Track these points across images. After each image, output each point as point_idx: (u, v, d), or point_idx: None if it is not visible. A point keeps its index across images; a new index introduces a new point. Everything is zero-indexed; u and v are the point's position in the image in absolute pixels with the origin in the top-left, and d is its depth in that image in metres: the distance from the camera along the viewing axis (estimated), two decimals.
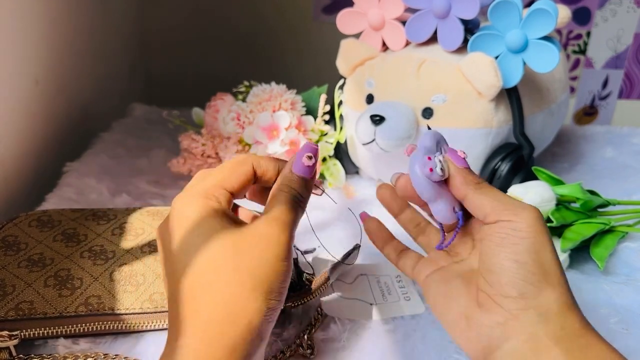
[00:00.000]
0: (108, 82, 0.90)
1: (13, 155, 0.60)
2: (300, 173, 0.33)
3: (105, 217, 0.48)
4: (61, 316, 0.39)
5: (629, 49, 1.16)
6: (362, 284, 0.48)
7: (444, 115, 0.56)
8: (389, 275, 0.49)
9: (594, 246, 0.51)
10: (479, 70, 0.54)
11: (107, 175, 0.65)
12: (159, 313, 0.41)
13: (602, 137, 0.82)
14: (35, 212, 0.48)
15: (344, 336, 0.42)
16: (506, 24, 0.54)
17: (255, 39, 1.12)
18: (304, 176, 0.34)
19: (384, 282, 0.48)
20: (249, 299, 0.29)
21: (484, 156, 0.58)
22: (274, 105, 0.64)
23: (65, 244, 0.44)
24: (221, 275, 0.29)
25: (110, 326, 0.40)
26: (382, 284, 0.48)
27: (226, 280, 0.29)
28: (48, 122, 0.69)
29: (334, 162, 0.67)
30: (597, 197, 0.53)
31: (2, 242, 0.44)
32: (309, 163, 0.34)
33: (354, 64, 0.63)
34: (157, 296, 0.42)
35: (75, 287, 0.41)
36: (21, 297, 0.40)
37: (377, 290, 0.47)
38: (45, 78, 0.67)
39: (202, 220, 0.31)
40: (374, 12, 0.61)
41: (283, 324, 0.43)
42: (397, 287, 0.47)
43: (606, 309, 0.45)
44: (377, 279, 0.48)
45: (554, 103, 0.64)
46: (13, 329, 0.38)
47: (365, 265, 0.50)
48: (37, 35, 0.64)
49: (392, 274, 0.49)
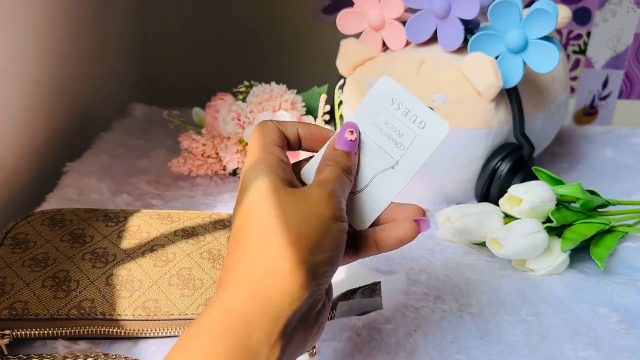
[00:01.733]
0: (108, 82, 0.90)
1: (13, 156, 0.60)
2: (344, 147, 0.34)
3: (116, 218, 0.47)
4: (52, 318, 0.39)
5: (629, 49, 1.16)
6: (368, 146, 0.36)
7: (444, 116, 0.56)
8: (382, 109, 0.36)
9: (594, 246, 0.51)
10: (479, 71, 0.54)
11: (107, 175, 0.65)
12: (152, 321, 0.40)
13: (602, 137, 0.82)
14: (49, 210, 0.47)
15: (344, 336, 0.42)
16: (506, 24, 0.54)
17: (255, 38, 1.12)
18: (348, 150, 0.34)
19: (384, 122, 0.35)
20: (292, 253, 0.29)
21: (484, 156, 0.58)
22: (274, 105, 0.64)
23: (70, 244, 0.44)
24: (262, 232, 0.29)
25: (101, 331, 0.40)
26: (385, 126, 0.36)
27: (266, 235, 0.29)
28: (48, 122, 0.69)
29: None
30: (597, 197, 0.53)
31: (12, 239, 0.44)
32: (352, 137, 0.34)
33: (354, 64, 0.63)
34: (151, 304, 0.41)
35: (70, 290, 0.41)
36: (17, 296, 0.40)
37: (386, 141, 0.35)
38: (46, 78, 0.67)
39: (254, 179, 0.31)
40: (374, 12, 0.61)
41: None
42: (401, 116, 0.35)
43: (606, 309, 0.45)
44: (375, 125, 0.36)
45: (554, 103, 0.64)
46: (4, 328, 0.38)
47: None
48: (37, 36, 0.64)
49: (384, 105, 0.36)
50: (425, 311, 0.45)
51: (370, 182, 0.35)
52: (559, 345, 0.42)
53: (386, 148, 0.35)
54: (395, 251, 0.53)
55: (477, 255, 0.53)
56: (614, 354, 0.41)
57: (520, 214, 0.50)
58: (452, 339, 0.42)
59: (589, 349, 0.41)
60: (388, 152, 0.35)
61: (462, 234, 0.53)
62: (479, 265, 0.52)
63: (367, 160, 0.35)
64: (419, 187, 0.62)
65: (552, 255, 0.50)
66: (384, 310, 0.44)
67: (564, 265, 0.50)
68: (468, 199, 0.62)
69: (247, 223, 0.30)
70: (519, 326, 0.44)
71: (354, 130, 0.35)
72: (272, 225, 0.29)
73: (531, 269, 0.50)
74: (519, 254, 0.49)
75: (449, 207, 0.55)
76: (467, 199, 0.62)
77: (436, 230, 0.57)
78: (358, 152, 0.35)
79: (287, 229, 0.29)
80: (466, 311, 0.45)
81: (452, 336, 0.42)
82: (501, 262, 0.52)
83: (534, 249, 0.49)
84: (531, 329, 0.43)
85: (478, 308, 0.46)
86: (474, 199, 0.61)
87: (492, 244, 0.50)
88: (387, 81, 0.36)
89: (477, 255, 0.53)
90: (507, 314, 0.45)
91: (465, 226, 0.52)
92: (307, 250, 0.29)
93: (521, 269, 0.51)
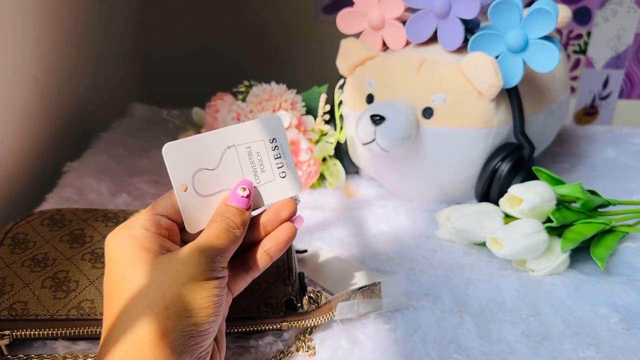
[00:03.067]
0: (108, 82, 0.90)
1: (12, 155, 0.60)
2: (236, 204, 0.35)
3: (115, 218, 0.47)
4: (52, 319, 0.39)
5: (629, 48, 1.16)
6: (231, 162, 0.36)
7: (444, 115, 0.56)
8: (261, 140, 0.37)
9: (594, 246, 0.51)
10: (479, 70, 0.54)
11: (107, 175, 0.65)
12: None
13: (603, 137, 0.82)
14: (49, 210, 0.48)
15: (344, 336, 0.41)
16: (506, 24, 0.54)
17: (255, 38, 1.12)
18: (238, 206, 0.35)
19: (257, 152, 0.37)
20: (156, 324, 0.29)
21: (484, 156, 0.58)
22: (274, 105, 0.64)
23: (70, 244, 0.44)
24: (128, 305, 0.30)
25: (101, 331, 0.40)
26: (255, 155, 0.37)
27: (131, 308, 0.30)
28: (48, 122, 0.69)
29: (334, 162, 0.67)
30: (597, 197, 0.53)
31: (12, 239, 0.44)
32: (243, 194, 0.35)
33: (354, 63, 0.63)
34: None
35: (70, 290, 0.40)
36: (17, 297, 0.40)
37: (249, 167, 0.37)
38: (45, 78, 0.67)
39: (117, 251, 0.32)
40: (374, 12, 0.61)
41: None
42: (272, 157, 0.37)
43: (607, 309, 0.45)
44: (249, 148, 0.37)
45: (554, 103, 0.64)
46: (4, 329, 0.38)
47: (231, 130, 0.37)
48: (37, 35, 0.64)
49: (265, 138, 0.37)
50: (425, 311, 0.45)
51: (217, 194, 0.36)
52: (559, 346, 0.41)
53: (245, 173, 0.37)
54: (395, 251, 0.54)
55: (477, 255, 0.53)
56: (614, 354, 0.41)
57: (521, 214, 0.50)
58: (452, 339, 0.42)
59: (590, 349, 0.41)
60: (245, 177, 0.37)
61: (462, 234, 0.53)
62: (479, 265, 0.52)
63: (223, 172, 0.36)
64: (419, 187, 0.62)
65: (552, 255, 0.50)
66: (383, 311, 0.44)
67: (564, 265, 0.50)
68: (468, 199, 0.62)
69: (114, 295, 0.31)
70: (519, 326, 0.44)
71: (247, 187, 0.36)
72: (135, 297, 0.30)
73: (531, 269, 0.50)
74: (519, 254, 0.49)
75: (449, 207, 0.55)
76: (467, 199, 0.62)
77: (436, 230, 0.57)
78: (251, 207, 0.36)
79: (153, 300, 0.30)
80: (466, 311, 0.45)
81: (452, 336, 0.42)
82: (501, 262, 0.52)
83: (534, 249, 0.49)
84: (531, 329, 0.43)
85: (478, 308, 0.46)
86: (474, 199, 0.61)
87: (492, 244, 0.50)
88: (278, 122, 0.37)
89: (477, 255, 0.53)
90: (507, 314, 0.45)
91: (465, 226, 0.52)
92: (175, 317, 0.30)
93: (521, 269, 0.51)
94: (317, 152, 0.65)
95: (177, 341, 0.30)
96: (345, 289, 0.44)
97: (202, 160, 0.35)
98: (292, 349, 0.40)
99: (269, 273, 0.43)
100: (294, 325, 0.41)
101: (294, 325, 0.41)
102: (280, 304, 0.41)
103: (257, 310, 0.41)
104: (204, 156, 0.35)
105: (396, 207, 0.62)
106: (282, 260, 0.45)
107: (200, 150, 0.35)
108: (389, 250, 0.54)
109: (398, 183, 0.63)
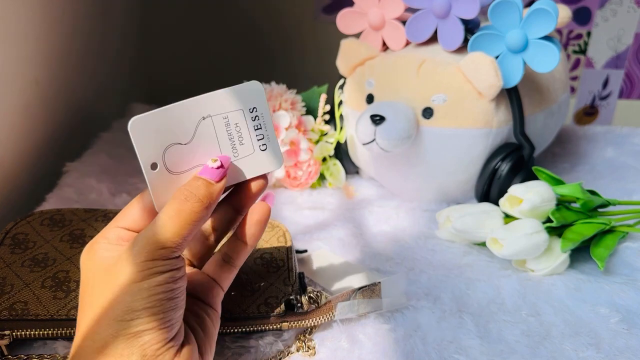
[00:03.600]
0: (108, 82, 0.90)
1: (13, 155, 0.60)
2: (204, 175, 0.32)
3: None
4: (52, 319, 0.39)
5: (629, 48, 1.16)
6: (206, 134, 0.33)
7: (444, 115, 0.56)
8: (240, 109, 0.34)
9: (594, 246, 0.51)
10: (479, 70, 0.54)
11: (107, 175, 0.65)
12: None
13: (603, 137, 0.82)
14: (49, 210, 0.48)
15: (344, 336, 0.42)
16: (506, 24, 0.54)
17: (255, 38, 1.12)
18: (207, 178, 0.32)
19: (235, 122, 0.34)
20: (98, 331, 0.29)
21: (484, 156, 0.58)
22: (274, 105, 0.64)
23: (70, 245, 0.44)
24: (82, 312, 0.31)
25: None
26: (233, 126, 0.34)
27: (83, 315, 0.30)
28: (48, 122, 0.69)
29: (334, 162, 0.67)
30: (597, 197, 0.53)
31: (12, 239, 0.44)
32: (213, 165, 0.32)
33: (354, 63, 0.63)
34: None
35: (70, 290, 0.41)
36: (17, 297, 0.40)
37: (226, 139, 0.34)
38: (46, 78, 0.67)
39: (83, 268, 0.32)
40: (374, 12, 0.61)
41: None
42: (252, 128, 0.34)
43: (607, 309, 0.45)
44: (226, 119, 0.34)
45: (554, 103, 0.64)
46: (4, 329, 0.38)
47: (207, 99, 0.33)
48: (37, 36, 0.64)
49: (244, 107, 0.34)
50: (425, 311, 0.45)
51: (190, 170, 0.33)
52: (559, 346, 0.41)
53: (222, 147, 0.33)
54: (395, 251, 0.54)
55: (477, 255, 0.53)
56: (614, 354, 0.41)
57: (521, 214, 0.50)
58: (452, 339, 0.42)
59: (590, 349, 0.41)
60: (222, 151, 0.33)
61: (462, 234, 0.53)
62: (479, 265, 0.52)
63: (197, 146, 0.32)
64: (419, 187, 0.62)
65: (552, 255, 0.50)
66: (383, 311, 0.44)
67: (564, 265, 0.50)
68: (468, 199, 0.62)
69: (80, 301, 0.31)
70: (519, 326, 0.44)
71: (221, 160, 0.32)
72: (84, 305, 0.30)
73: (531, 269, 0.50)
74: (519, 254, 0.49)
75: (449, 207, 0.55)
76: (467, 199, 0.62)
77: (436, 230, 0.57)
78: (225, 180, 0.33)
79: (95, 307, 0.30)
80: (466, 311, 0.45)
81: (452, 336, 0.42)
82: (501, 262, 0.52)
83: (534, 249, 0.49)
84: (531, 329, 0.43)
85: (478, 308, 0.46)
86: (474, 199, 0.61)
87: (492, 244, 0.50)
88: (258, 89, 0.34)
89: (477, 255, 0.53)
90: (507, 314, 0.45)
91: (465, 226, 0.52)
92: (117, 322, 0.29)
93: (521, 269, 0.51)
94: (317, 152, 0.65)
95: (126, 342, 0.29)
96: (345, 289, 0.44)
97: (174, 134, 0.32)
98: (292, 349, 0.40)
99: (269, 273, 0.43)
100: (294, 325, 0.41)
101: (294, 325, 0.41)
102: (280, 304, 0.41)
103: (257, 310, 0.41)
104: (176, 129, 0.32)
105: (396, 207, 0.62)
106: (282, 260, 0.45)
107: (171, 123, 0.31)
108: (389, 250, 0.54)
109: (398, 183, 0.63)
